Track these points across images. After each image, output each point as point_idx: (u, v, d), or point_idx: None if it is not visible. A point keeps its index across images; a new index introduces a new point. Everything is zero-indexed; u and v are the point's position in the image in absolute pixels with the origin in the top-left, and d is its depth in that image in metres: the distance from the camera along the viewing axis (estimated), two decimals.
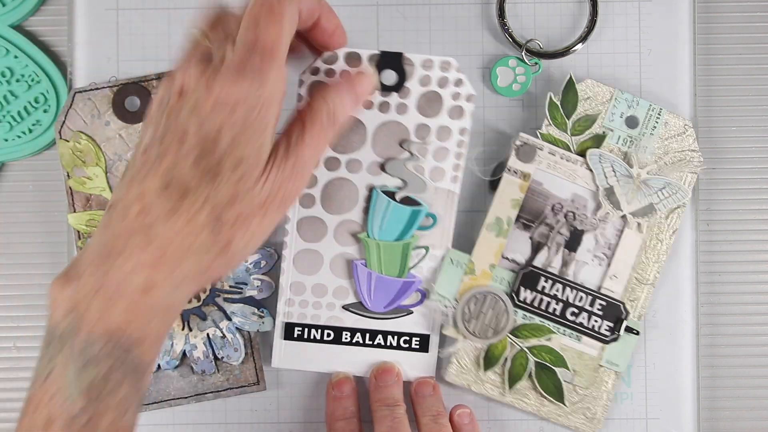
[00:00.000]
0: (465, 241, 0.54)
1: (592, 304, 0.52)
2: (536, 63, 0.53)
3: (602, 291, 0.52)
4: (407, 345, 0.49)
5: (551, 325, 0.52)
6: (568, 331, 0.52)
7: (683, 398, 0.53)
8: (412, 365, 0.49)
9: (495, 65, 0.53)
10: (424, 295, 0.49)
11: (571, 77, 0.52)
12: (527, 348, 0.52)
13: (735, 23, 0.55)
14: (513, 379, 0.52)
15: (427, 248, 0.48)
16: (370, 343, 0.48)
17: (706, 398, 0.54)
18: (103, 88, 0.52)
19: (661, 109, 0.52)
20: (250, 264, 0.52)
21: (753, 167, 0.55)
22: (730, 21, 0.55)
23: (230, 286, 0.52)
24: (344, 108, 0.41)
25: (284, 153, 0.38)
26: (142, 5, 0.54)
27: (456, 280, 0.52)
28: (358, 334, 0.48)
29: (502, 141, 0.54)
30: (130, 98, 0.53)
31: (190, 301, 0.52)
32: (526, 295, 0.52)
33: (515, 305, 0.52)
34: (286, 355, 0.49)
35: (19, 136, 0.53)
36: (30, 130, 0.53)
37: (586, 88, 0.53)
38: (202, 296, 0.51)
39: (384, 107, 0.47)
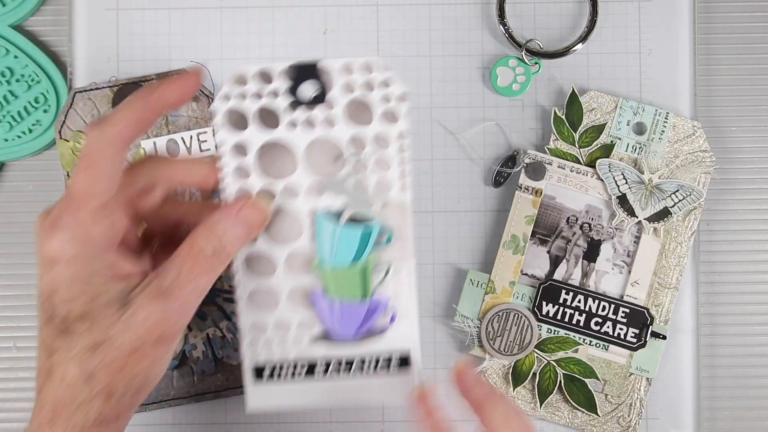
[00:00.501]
0: (466, 241, 0.54)
1: (615, 313, 0.52)
2: (536, 63, 0.53)
3: (625, 299, 0.52)
4: (386, 368, 0.44)
5: (576, 336, 0.52)
6: (594, 341, 0.52)
7: (683, 398, 0.53)
8: (396, 386, 0.45)
9: (495, 65, 0.53)
10: (395, 315, 0.44)
11: (573, 90, 0.52)
12: (554, 361, 0.52)
13: (735, 23, 0.55)
14: (543, 394, 0.52)
15: (388, 265, 0.43)
16: (347, 373, 0.44)
17: (706, 398, 0.54)
18: (103, 88, 0.52)
19: (667, 113, 0.52)
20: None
21: (753, 167, 0.55)
22: (730, 21, 0.55)
23: (229, 286, 0.52)
24: (233, 242, 0.39)
25: (156, 293, 0.36)
26: (142, 5, 0.54)
27: (478, 299, 0.52)
28: (333, 364, 0.44)
29: (502, 141, 0.54)
30: None
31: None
32: (548, 308, 0.52)
33: (538, 320, 0.52)
34: (260, 397, 0.44)
35: (19, 136, 0.53)
36: (30, 130, 0.53)
37: (590, 99, 0.53)
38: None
39: (309, 124, 0.42)
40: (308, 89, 0.42)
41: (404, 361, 0.44)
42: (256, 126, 0.41)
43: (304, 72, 0.41)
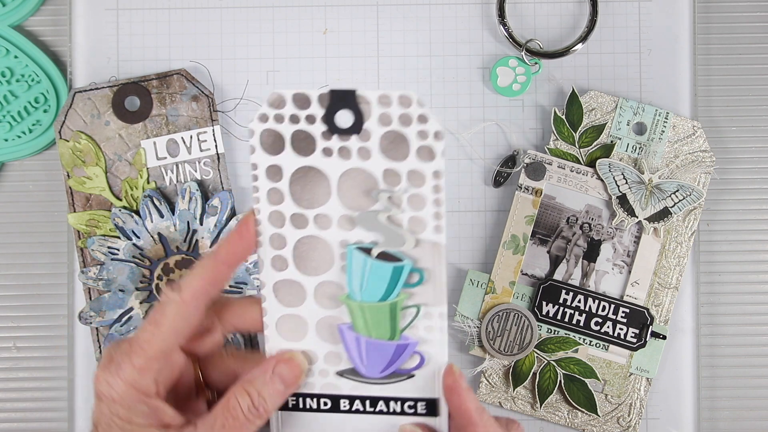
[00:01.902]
0: (466, 241, 0.54)
1: (615, 313, 0.52)
2: (536, 63, 0.53)
3: (625, 299, 0.52)
4: (413, 410, 0.43)
5: (576, 336, 0.52)
6: (594, 341, 0.52)
7: (683, 398, 0.53)
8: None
9: (495, 65, 0.53)
10: (423, 358, 0.43)
11: (573, 90, 0.52)
12: (554, 361, 0.52)
13: (735, 23, 0.55)
14: (543, 394, 0.52)
15: (418, 308, 0.42)
16: (372, 410, 0.43)
17: (706, 398, 0.54)
18: (103, 88, 0.52)
19: (668, 113, 0.52)
20: (251, 264, 0.52)
21: (753, 167, 0.55)
22: (730, 21, 0.55)
23: (230, 286, 0.52)
24: (271, 398, 0.39)
25: None
26: (142, 5, 0.54)
27: (477, 299, 0.52)
28: (357, 402, 0.43)
29: (502, 141, 0.54)
30: (130, 98, 0.53)
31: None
32: (548, 308, 0.52)
33: (538, 320, 0.52)
34: (284, 426, 0.43)
35: (19, 136, 0.53)
36: (30, 130, 0.53)
37: (590, 99, 0.53)
38: None
39: (344, 153, 0.41)
40: (344, 118, 0.41)
41: (431, 408, 0.43)
42: (291, 150, 0.41)
43: (341, 99, 0.41)
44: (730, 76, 0.55)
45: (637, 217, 0.52)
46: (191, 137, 0.53)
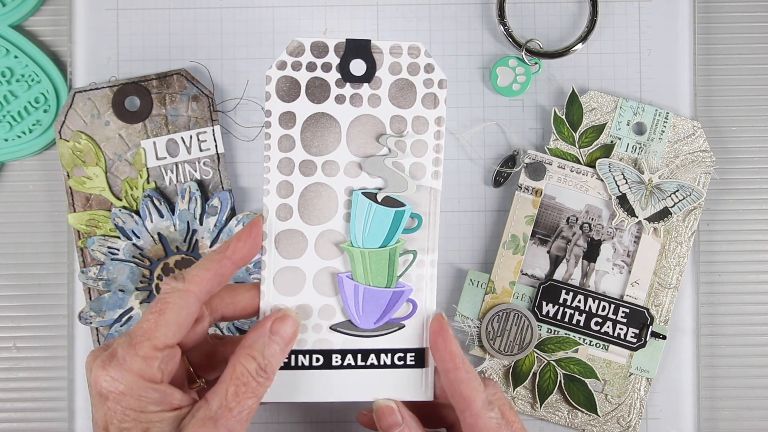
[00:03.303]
0: (466, 241, 0.54)
1: (615, 313, 0.52)
2: (536, 63, 0.53)
3: (625, 299, 0.52)
4: (402, 362, 0.44)
5: (576, 336, 0.52)
6: (594, 341, 0.52)
7: (683, 398, 0.53)
8: (409, 382, 0.45)
9: (495, 65, 0.53)
10: (416, 305, 0.44)
11: (573, 90, 0.52)
12: (554, 361, 0.52)
13: (735, 23, 0.55)
14: (543, 394, 0.52)
15: (414, 253, 0.44)
16: (363, 363, 0.44)
17: (706, 398, 0.54)
18: (103, 88, 0.52)
19: (668, 113, 0.52)
20: (250, 264, 0.52)
21: (753, 167, 0.55)
22: (730, 21, 0.55)
23: None
24: (275, 358, 0.40)
25: (205, 419, 0.38)
26: (142, 5, 0.54)
27: (477, 299, 0.52)
28: (349, 356, 0.44)
29: (502, 141, 0.54)
30: (130, 98, 0.53)
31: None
32: (548, 308, 0.52)
33: (538, 320, 0.52)
34: (274, 387, 0.43)
35: (19, 136, 0.53)
36: (30, 130, 0.53)
37: (590, 99, 0.53)
38: None
39: (356, 100, 0.43)
40: (357, 67, 0.43)
41: (419, 359, 0.44)
42: (305, 97, 0.43)
43: (356, 49, 0.43)
44: (730, 76, 0.55)
45: (637, 217, 0.52)
46: (191, 137, 0.53)
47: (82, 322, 0.52)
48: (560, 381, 0.52)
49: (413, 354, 0.44)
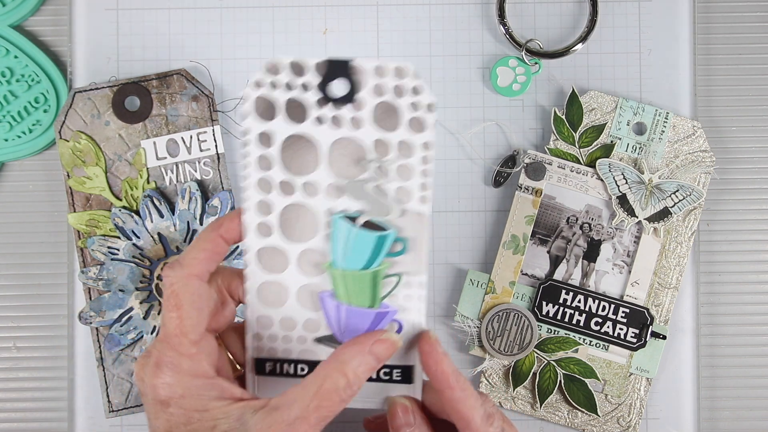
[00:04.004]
0: (466, 241, 0.54)
1: (615, 313, 0.52)
2: (536, 63, 0.53)
3: (625, 299, 0.52)
4: (388, 377, 0.43)
5: (576, 336, 0.52)
6: (594, 341, 0.52)
7: (683, 398, 0.53)
8: (394, 394, 0.44)
9: (495, 65, 0.53)
10: (401, 326, 0.43)
11: (573, 90, 0.52)
12: (554, 361, 0.52)
13: (735, 23, 0.55)
14: (543, 394, 0.52)
15: (399, 276, 0.43)
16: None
17: (706, 398, 0.54)
18: (103, 88, 0.52)
19: (668, 113, 0.52)
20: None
21: (753, 167, 0.55)
22: (730, 21, 0.55)
23: None
24: (364, 376, 0.39)
25: (281, 425, 0.37)
26: (142, 5, 0.54)
27: (477, 299, 0.52)
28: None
29: (502, 141, 0.54)
30: (130, 98, 0.53)
31: None
32: (548, 308, 0.52)
33: (538, 320, 0.52)
34: (260, 390, 0.44)
35: (19, 136, 0.53)
36: (30, 130, 0.53)
37: (590, 99, 0.53)
38: None
39: (337, 121, 0.41)
40: (338, 87, 0.41)
41: (406, 375, 0.44)
42: (284, 117, 0.41)
43: (336, 68, 0.41)
44: (730, 76, 0.55)
45: (637, 217, 0.52)
46: (191, 137, 0.53)
47: (82, 322, 0.52)
48: (560, 381, 0.52)
49: (400, 371, 0.43)
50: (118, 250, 0.52)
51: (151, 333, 0.52)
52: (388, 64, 0.41)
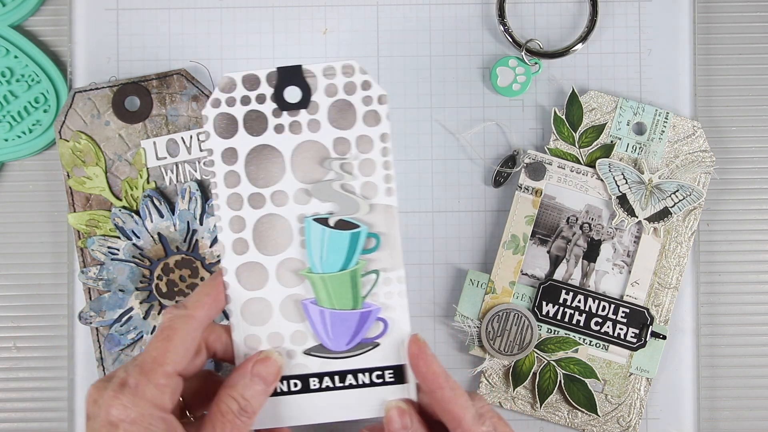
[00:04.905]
0: (466, 241, 0.54)
1: (615, 313, 0.52)
2: (536, 63, 0.53)
3: (625, 299, 0.52)
4: (381, 379, 0.44)
5: (576, 336, 0.52)
6: (594, 341, 0.52)
7: (683, 398, 0.53)
8: (390, 398, 0.44)
9: (495, 65, 0.53)
10: (387, 324, 0.44)
11: (573, 90, 0.52)
12: (554, 361, 0.52)
13: (735, 23, 0.55)
14: (543, 394, 0.52)
15: (377, 272, 0.43)
16: (342, 384, 0.44)
17: (706, 398, 0.54)
18: (103, 88, 0.52)
19: (668, 113, 0.52)
20: None
21: (753, 167, 0.55)
22: (730, 21, 0.55)
23: None
24: (255, 398, 0.41)
25: None
26: (142, 5, 0.54)
27: (477, 299, 0.52)
28: (327, 378, 0.44)
29: (502, 141, 0.54)
30: (130, 98, 0.53)
31: None
32: (548, 308, 0.52)
33: (538, 320, 0.52)
34: (257, 415, 0.43)
35: (19, 136, 0.53)
36: (30, 130, 0.53)
37: (590, 99, 0.53)
38: None
39: (295, 127, 0.42)
40: (292, 94, 0.43)
41: (398, 375, 0.44)
42: (244, 131, 0.42)
43: (287, 76, 0.42)
44: (730, 76, 0.55)
45: (637, 217, 0.52)
46: (191, 137, 0.53)
47: (82, 322, 0.52)
48: (560, 381, 0.52)
49: (392, 371, 0.44)
50: (118, 250, 0.52)
51: (151, 333, 0.52)
52: (335, 65, 0.42)
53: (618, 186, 0.52)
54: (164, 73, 0.53)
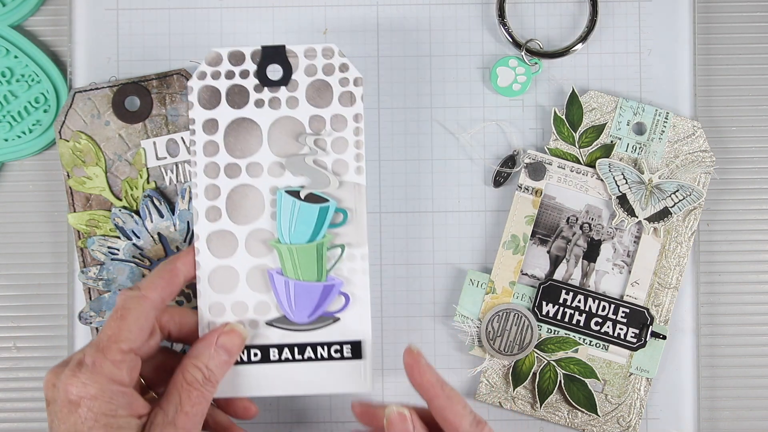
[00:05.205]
0: (466, 241, 0.54)
1: (615, 313, 0.52)
2: (536, 63, 0.53)
3: (625, 298, 0.52)
4: (339, 354, 0.45)
5: (576, 336, 0.52)
6: (594, 341, 0.52)
7: (683, 398, 0.53)
8: (347, 375, 0.46)
9: (495, 65, 0.53)
10: (348, 298, 0.46)
11: (573, 90, 0.52)
12: (554, 361, 0.52)
13: (735, 23, 0.55)
14: (543, 394, 0.52)
15: (342, 247, 0.46)
16: (300, 357, 0.45)
17: (706, 398, 0.54)
18: (103, 88, 0.52)
19: (668, 113, 0.52)
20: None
21: (753, 167, 0.55)
22: (730, 21, 0.55)
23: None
24: (219, 368, 0.42)
25: (164, 424, 0.40)
26: (142, 5, 0.54)
27: (478, 299, 0.52)
28: (286, 350, 0.45)
29: (502, 141, 0.54)
30: (130, 98, 0.53)
31: (189, 300, 0.52)
32: (548, 308, 0.52)
33: (538, 320, 0.52)
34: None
35: (19, 136, 0.53)
36: (30, 130, 0.53)
37: (590, 99, 0.53)
38: None
39: (274, 103, 0.45)
40: (274, 71, 0.45)
41: (356, 350, 0.46)
42: (226, 104, 0.45)
43: (270, 55, 0.45)
44: (730, 76, 0.55)
45: (637, 217, 0.52)
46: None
47: (82, 322, 0.52)
48: (560, 381, 0.52)
49: (349, 346, 0.46)
50: (118, 250, 0.52)
51: None
52: (316, 47, 0.46)
53: (618, 186, 0.52)
54: (164, 73, 0.53)
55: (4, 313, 0.54)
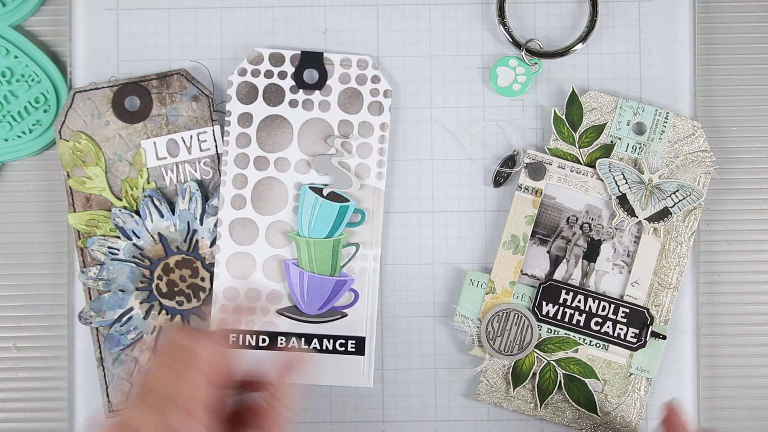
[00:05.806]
0: (466, 241, 0.54)
1: (615, 313, 0.52)
2: (536, 63, 0.53)
3: (625, 298, 0.52)
4: (343, 348, 0.48)
5: (576, 336, 0.52)
6: (594, 341, 0.52)
7: (683, 398, 0.53)
8: (350, 369, 0.49)
9: (495, 65, 0.53)
10: (357, 295, 0.49)
11: (573, 90, 0.52)
12: (554, 361, 0.52)
13: (735, 23, 0.55)
14: (543, 394, 0.52)
15: (357, 245, 0.49)
16: (306, 347, 0.48)
17: (706, 398, 0.54)
18: (103, 88, 0.52)
19: (668, 113, 0.52)
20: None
21: (753, 167, 0.55)
22: (730, 21, 0.55)
23: None
24: (296, 395, 0.41)
25: None
26: (142, 5, 0.54)
27: (478, 299, 0.52)
28: (294, 339, 0.48)
29: (502, 141, 0.54)
30: (130, 98, 0.53)
31: (189, 300, 0.52)
32: (548, 308, 0.52)
33: (538, 320, 0.52)
34: None
35: (19, 136, 0.53)
36: (30, 130, 0.53)
37: (590, 99, 0.53)
38: (202, 296, 0.51)
39: (307, 105, 0.49)
40: (311, 75, 0.49)
41: (359, 346, 0.48)
42: (263, 101, 0.49)
43: (309, 59, 0.49)
44: (730, 76, 0.55)
45: (637, 217, 0.52)
46: (191, 137, 0.53)
47: (82, 322, 0.52)
48: (560, 381, 0.52)
49: (354, 341, 0.48)
50: (118, 250, 0.52)
51: (151, 333, 0.52)
52: (351, 57, 0.49)
53: (618, 186, 0.52)
54: (164, 73, 0.53)
55: (4, 313, 0.54)
